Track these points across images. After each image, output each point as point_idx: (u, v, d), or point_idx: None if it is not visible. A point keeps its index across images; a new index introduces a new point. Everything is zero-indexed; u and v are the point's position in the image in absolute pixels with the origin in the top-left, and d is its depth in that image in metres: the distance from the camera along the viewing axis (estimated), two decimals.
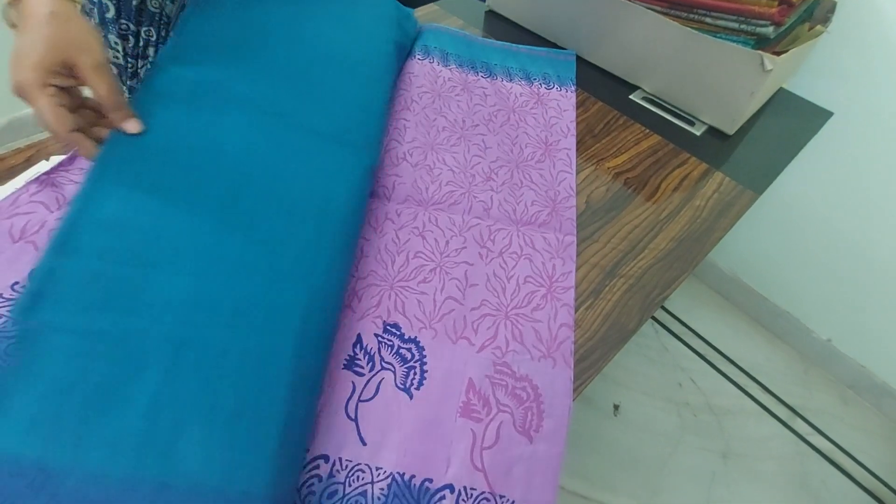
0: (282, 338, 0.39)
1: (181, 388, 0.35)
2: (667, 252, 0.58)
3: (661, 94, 0.78)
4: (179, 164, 0.45)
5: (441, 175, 0.60)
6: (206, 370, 0.36)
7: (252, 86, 0.52)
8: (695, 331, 1.36)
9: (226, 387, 0.36)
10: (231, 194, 0.45)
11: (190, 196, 0.43)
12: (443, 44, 0.76)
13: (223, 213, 0.44)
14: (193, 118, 0.48)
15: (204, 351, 0.37)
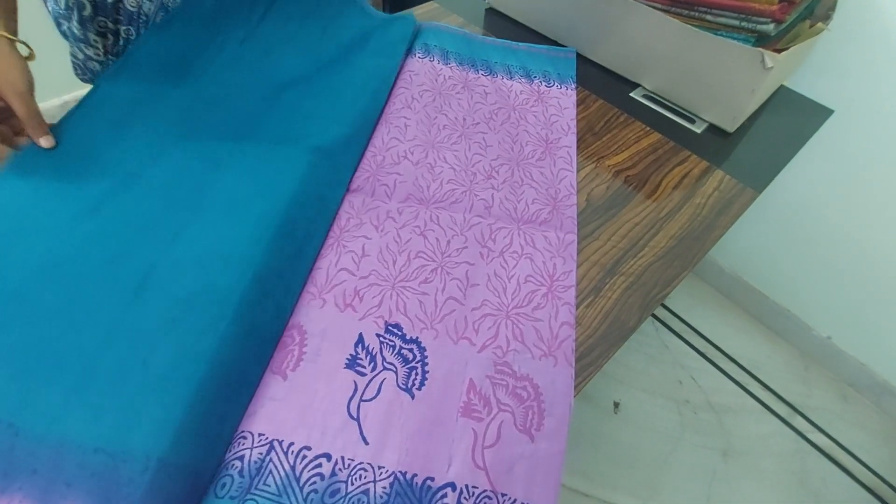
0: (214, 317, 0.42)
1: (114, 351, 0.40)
2: (667, 250, 0.58)
3: (662, 91, 0.78)
4: (92, 174, 0.49)
5: (442, 173, 0.60)
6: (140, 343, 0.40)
7: (177, 104, 0.57)
8: (695, 329, 1.36)
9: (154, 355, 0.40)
10: (140, 200, 0.48)
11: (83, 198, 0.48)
12: (443, 42, 0.76)
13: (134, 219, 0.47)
14: (114, 132, 0.53)
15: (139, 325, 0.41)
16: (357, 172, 0.59)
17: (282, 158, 0.54)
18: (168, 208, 0.48)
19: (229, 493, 0.37)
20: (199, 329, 0.41)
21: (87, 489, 0.34)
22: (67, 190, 0.48)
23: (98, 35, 0.62)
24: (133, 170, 0.50)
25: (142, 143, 0.52)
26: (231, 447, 0.39)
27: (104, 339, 0.40)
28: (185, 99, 0.57)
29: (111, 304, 0.42)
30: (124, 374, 0.39)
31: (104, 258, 0.44)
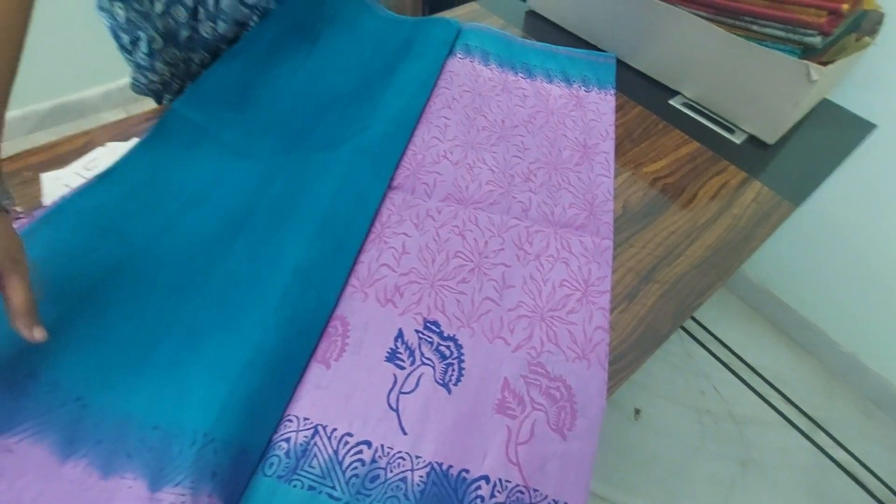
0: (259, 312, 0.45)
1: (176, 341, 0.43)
2: (702, 259, 0.59)
3: (702, 100, 0.78)
4: (168, 192, 0.54)
5: (481, 174, 0.61)
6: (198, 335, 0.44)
7: (238, 128, 0.61)
8: (720, 339, 1.35)
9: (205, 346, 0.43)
10: (205, 216, 0.53)
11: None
12: (484, 43, 0.77)
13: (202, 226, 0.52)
14: (185, 154, 0.58)
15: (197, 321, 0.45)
16: (398, 170, 0.60)
17: (324, 161, 0.58)
18: (226, 220, 0.52)
19: (276, 473, 0.39)
20: (246, 319, 0.45)
21: (145, 461, 0.37)
22: (148, 206, 0.52)
23: (165, 65, 0.65)
24: (199, 190, 0.55)
25: (208, 164, 0.57)
26: (278, 429, 0.41)
27: (165, 329, 0.44)
28: (244, 123, 0.62)
29: (173, 301, 0.46)
30: (180, 360, 0.42)
31: (174, 266, 0.48)
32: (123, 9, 0.60)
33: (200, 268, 0.48)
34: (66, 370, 0.40)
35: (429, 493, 0.40)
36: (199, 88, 0.63)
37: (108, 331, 0.43)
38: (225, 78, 0.65)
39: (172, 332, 0.44)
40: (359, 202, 0.55)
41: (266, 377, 0.42)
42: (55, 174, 0.56)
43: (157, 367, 0.41)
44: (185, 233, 0.51)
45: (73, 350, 0.41)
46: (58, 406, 0.38)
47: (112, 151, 0.57)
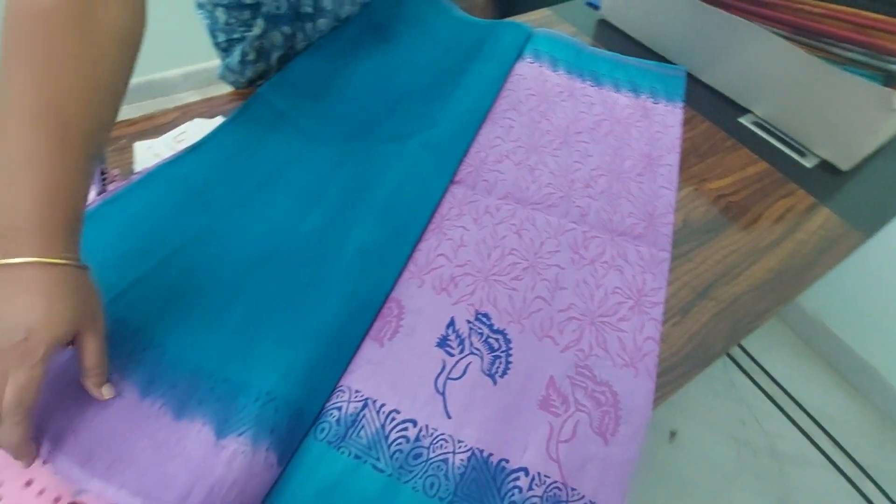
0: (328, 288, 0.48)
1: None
2: (763, 282, 0.57)
3: (774, 120, 0.76)
4: (247, 170, 0.57)
5: (541, 176, 0.62)
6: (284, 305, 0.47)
7: (313, 116, 0.64)
8: (766, 370, 1.30)
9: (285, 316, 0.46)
10: (279, 194, 0.56)
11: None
12: (553, 49, 0.78)
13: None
14: (265, 137, 0.61)
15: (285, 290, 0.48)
16: (461, 166, 0.62)
17: (391, 152, 0.61)
18: (298, 200, 0.56)
19: (327, 438, 0.42)
20: (310, 291, 0.48)
21: (213, 410, 0.40)
22: (230, 180, 0.56)
23: (255, 73, 0.70)
24: (275, 170, 0.58)
25: (285, 146, 0.60)
26: (331, 397, 0.44)
27: (237, 294, 0.47)
28: (321, 112, 0.65)
29: (246, 268, 0.49)
30: (249, 323, 0.45)
31: (248, 236, 0.52)
32: (224, 13, 0.64)
33: (272, 241, 0.51)
34: (147, 320, 0.44)
35: (468, 477, 0.41)
36: (283, 77, 0.67)
37: (188, 289, 0.47)
38: (307, 70, 0.68)
39: (244, 297, 0.47)
40: (421, 193, 0.58)
41: (325, 346, 0.45)
42: (147, 143, 0.60)
43: (229, 327, 0.45)
44: (260, 208, 0.54)
45: (155, 302, 0.45)
46: (141, 349, 0.42)
47: (199, 126, 0.61)
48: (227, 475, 0.37)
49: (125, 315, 0.44)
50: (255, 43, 0.65)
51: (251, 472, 0.37)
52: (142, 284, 0.46)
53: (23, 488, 0.36)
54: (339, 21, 0.70)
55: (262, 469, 0.38)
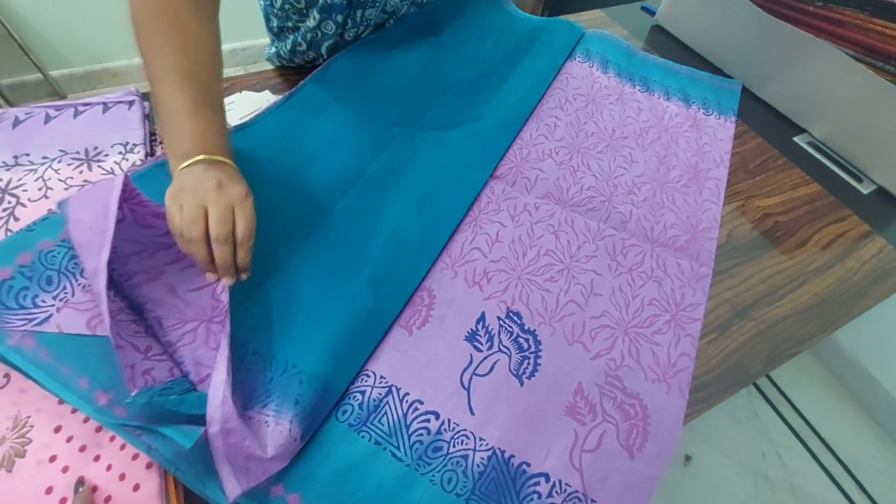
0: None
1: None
2: (807, 306, 0.55)
3: (831, 142, 0.72)
4: (293, 149, 0.58)
5: (583, 179, 0.61)
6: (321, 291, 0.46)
7: (358, 102, 0.64)
8: (793, 402, 1.25)
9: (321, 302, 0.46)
10: (321, 172, 0.56)
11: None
12: (605, 50, 0.76)
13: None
14: (311, 120, 0.61)
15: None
16: (502, 161, 0.61)
17: (433, 139, 0.60)
18: (338, 180, 0.55)
19: (348, 421, 0.41)
20: (342, 270, 0.48)
21: (243, 379, 0.40)
22: (273, 158, 0.57)
23: (303, 61, 0.70)
24: (319, 149, 0.58)
25: (328, 128, 0.60)
26: (355, 381, 0.43)
27: (272, 268, 0.47)
28: (365, 99, 0.65)
29: (283, 244, 0.49)
30: (282, 300, 0.45)
31: (287, 212, 0.52)
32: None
33: (310, 219, 0.51)
34: None
35: (487, 477, 0.40)
36: (329, 69, 0.67)
37: None
38: (353, 61, 0.68)
39: (278, 272, 0.47)
40: (461, 184, 0.57)
41: (352, 327, 0.44)
42: None
43: (262, 301, 0.45)
44: (300, 185, 0.54)
45: None
46: None
47: (247, 98, 0.62)
48: (252, 443, 0.36)
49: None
50: (309, 35, 0.65)
51: (274, 444, 0.37)
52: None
53: (52, 433, 0.37)
54: (386, 13, 0.69)
55: (285, 441, 0.37)
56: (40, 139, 0.53)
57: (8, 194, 0.49)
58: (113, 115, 0.57)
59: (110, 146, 0.54)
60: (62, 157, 0.53)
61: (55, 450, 0.36)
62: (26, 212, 0.47)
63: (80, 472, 0.36)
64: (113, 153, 0.54)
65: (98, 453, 0.37)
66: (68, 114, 0.56)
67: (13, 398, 0.38)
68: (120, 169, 0.53)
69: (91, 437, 0.37)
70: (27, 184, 0.50)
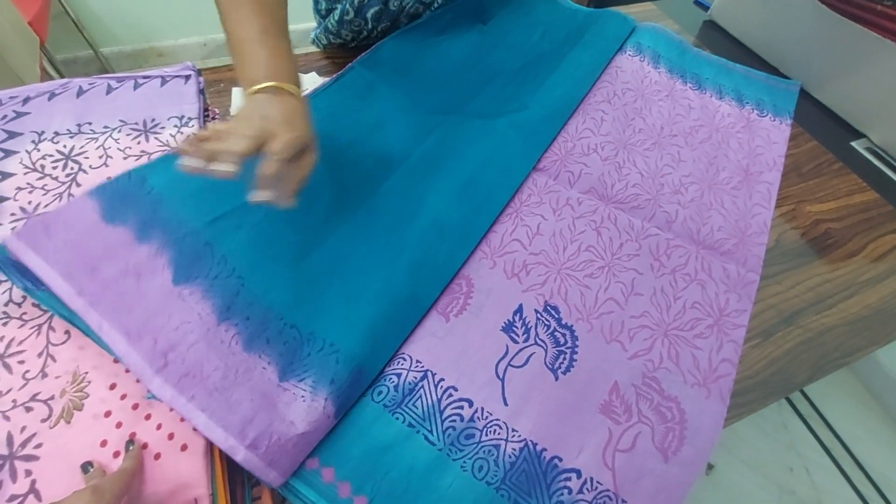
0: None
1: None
2: (858, 317, 0.52)
3: (891, 148, 0.69)
4: (338, 132, 0.57)
5: (629, 176, 0.59)
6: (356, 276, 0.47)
7: (403, 87, 0.64)
8: (825, 418, 1.21)
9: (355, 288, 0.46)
10: (364, 155, 0.56)
11: None
12: (657, 44, 0.74)
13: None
14: (357, 102, 0.62)
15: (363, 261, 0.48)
16: (546, 154, 0.60)
17: (478, 128, 0.60)
18: (382, 163, 0.56)
19: (384, 402, 0.42)
20: (383, 253, 0.48)
21: (279, 352, 0.41)
22: (320, 139, 0.57)
23: (350, 32, 0.70)
24: (365, 132, 0.58)
25: (373, 113, 0.60)
26: (391, 363, 0.44)
27: (315, 244, 0.48)
28: (411, 84, 0.65)
29: (326, 223, 0.50)
30: (322, 275, 0.46)
31: (332, 192, 0.52)
32: None
33: (353, 199, 0.52)
34: (233, 250, 0.46)
35: (518, 468, 0.40)
36: (377, 52, 0.67)
37: (272, 231, 0.48)
38: (401, 46, 0.68)
39: (321, 248, 0.48)
40: (504, 174, 0.56)
41: (390, 309, 0.45)
42: None
43: (304, 275, 0.45)
44: (346, 167, 0.54)
45: (241, 236, 0.47)
46: (224, 276, 0.44)
47: None
48: (287, 415, 0.37)
49: (214, 240, 0.45)
50: (355, 2, 0.65)
51: (309, 419, 0.37)
52: (232, 216, 0.47)
53: (107, 390, 0.38)
54: None
55: (320, 417, 0.38)
56: (102, 109, 0.55)
57: (71, 161, 0.51)
58: (170, 88, 0.59)
59: (167, 119, 0.56)
60: (122, 128, 0.55)
61: (110, 405, 0.38)
62: (87, 178, 0.49)
63: (133, 428, 0.37)
64: (169, 125, 0.56)
65: (149, 412, 0.38)
66: (129, 85, 0.58)
67: (73, 354, 0.40)
68: (175, 141, 0.54)
69: (143, 396, 0.39)
70: (89, 151, 0.52)
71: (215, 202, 0.48)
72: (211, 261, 0.44)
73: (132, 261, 0.43)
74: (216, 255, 0.45)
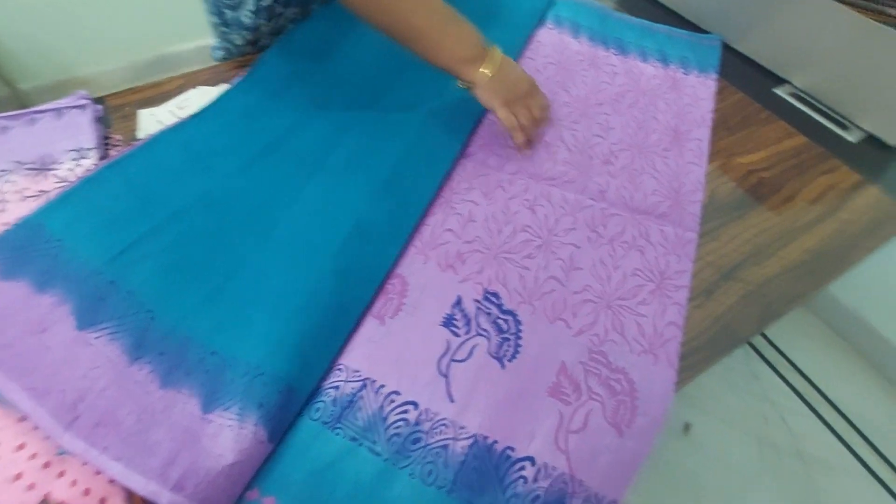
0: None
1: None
2: (798, 263, 0.53)
3: (814, 91, 0.70)
4: (249, 137, 0.55)
5: (558, 152, 0.58)
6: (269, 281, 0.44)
7: (318, 82, 0.62)
8: (794, 364, 1.23)
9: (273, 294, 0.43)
10: (279, 162, 0.53)
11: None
12: (576, 14, 0.73)
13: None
14: (270, 103, 0.59)
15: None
16: (472, 138, 0.58)
17: (398, 121, 0.58)
18: (299, 168, 0.53)
19: (322, 419, 0.39)
20: (306, 264, 0.46)
21: (201, 382, 0.38)
22: (232, 146, 0.54)
23: (267, 20, 0.66)
24: (278, 136, 0.55)
25: (288, 113, 0.58)
26: (327, 376, 0.41)
27: (235, 267, 0.45)
28: (326, 78, 0.62)
29: (244, 238, 0.47)
30: (244, 294, 0.43)
31: (247, 204, 0.49)
32: None
33: (272, 209, 0.49)
34: (140, 284, 0.42)
35: (469, 466, 0.39)
36: (287, 42, 0.64)
37: (183, 255, 0.45)
38: (312, 34, 0.65)
39: (239, 267, 0.45)
40: (428, 165, 0.54)
41: (318, 322, 0.42)
42: (150, 111, 0.59)
43: (222, 297, 0.43)
44: (261, 174, 0.52)
45: (149, 266, 0.44)
46: (132, 313, 0.41)
47: (202, 93, 0.59)
48: (213, 448, 0.35)
49: (118, 277, 0.42)
50: None
51: (239, 448, 0.35)
52: (136, 247, 0.44)
53: (15, 451, 0.36)
54: None
55: (251, 444, 0.36)
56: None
57: None
58: (67, 121, 0.56)
59: (64, 153, 0.53)
60: (17, 170, 0.52)
61: (20, 467, 0.35)
62: None
63: (46, 489, 0.35)
64: (66, 160, 0.53)
65: (63, 469, 0.36)
66: (24, 122, 0.55)
67: None
68: (73, 175, 0.51)
69: (54, 453, 0.36)
70: None
71: (118, 235, 0.45)
72: (116, 299, 0.41)
73: (34, 315, 0.40)
74: (121, 293, 0.42)
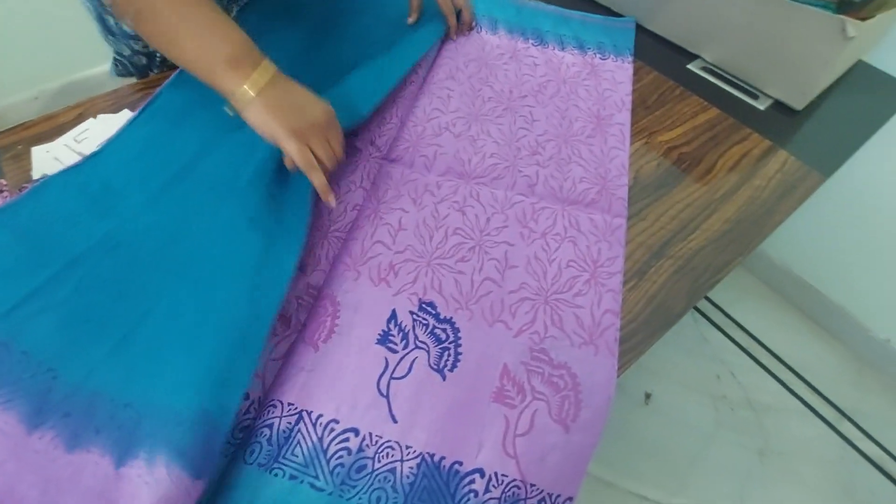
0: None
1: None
2: (720, 234, 0.54)
3: (724, 64, 0.72)
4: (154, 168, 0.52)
5: (485, 147, 0.57)
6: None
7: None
8: (738, 322, 1.30)
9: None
10: (190, 192, 0.50)
11: None
12: (491, 9, 0.72)
13: None
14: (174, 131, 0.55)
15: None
16: (397, 143, 0.57)
17: None
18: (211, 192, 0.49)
19: (258, 461, 0.37)
20: (222, 291, 0.42)
21: (113, 439, 0.35)
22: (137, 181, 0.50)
23: None
24: (186, 163, 0.51)
25: (196, 136, 0.53)
26: (261, 415, 0.39)
27: (147, 309, 0.41)
28: None
29: (156, 278, 0.43)
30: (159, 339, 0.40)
31: (158, 239, 0.46)
32: None
33: (186, 240, 0.46)
34: (38, 341, 0.39)
35: (418, 486, 0.38)
36: None
37: (85, 304, 0.41)
38: None
39: (152, 308, 0.41)
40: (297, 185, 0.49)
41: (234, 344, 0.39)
42: (44, 147, 0.54)
43: (134, 344, 0.39)
44: (171, 206, 0.48)
45: (46, 322, 0.40)
46: (28, 376, 0.37)
47: (103, 122, 0.55)
48: None
49: (10, 337, 0.38)
50: None
51: (157, 495, 0.32)
52: (30, 302, 0.40)
53: None
54: None
55: (179, 493, 0.33)
56: None
57: None
58: None
59: None
60: None
61: None
62: None
63: None
64: None
65: None
66: None
67: None
68: None
69: None
70: None
71: (7, 291, 0.40)
72: (10, 361, 0.37)
73: None
74: (14, 354, 0.38)
